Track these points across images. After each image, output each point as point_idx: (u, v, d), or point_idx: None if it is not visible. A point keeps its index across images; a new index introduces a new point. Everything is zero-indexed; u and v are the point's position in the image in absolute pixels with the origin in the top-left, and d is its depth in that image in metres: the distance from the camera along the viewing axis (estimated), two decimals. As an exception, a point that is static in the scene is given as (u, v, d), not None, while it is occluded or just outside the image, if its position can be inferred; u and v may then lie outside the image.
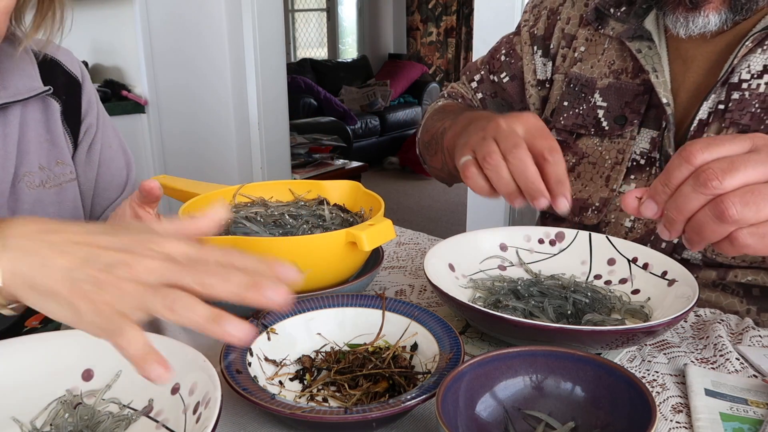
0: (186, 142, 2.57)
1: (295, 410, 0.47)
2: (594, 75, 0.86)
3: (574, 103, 0.88)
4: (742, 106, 0.73)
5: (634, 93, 0.82)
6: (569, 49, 0.91)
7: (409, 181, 5.00)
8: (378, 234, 0.67)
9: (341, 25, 6.23)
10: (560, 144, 0.87)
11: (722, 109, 0.74)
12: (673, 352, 0.63)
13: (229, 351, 0.55)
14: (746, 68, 0.73)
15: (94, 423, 0.50)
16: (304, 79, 5.00)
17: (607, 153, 0.84)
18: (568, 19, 0.91)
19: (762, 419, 0.52)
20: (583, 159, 0.86)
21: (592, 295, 0.69)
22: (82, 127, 0.87)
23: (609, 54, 0.85)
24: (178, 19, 2.44)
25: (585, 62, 0.88)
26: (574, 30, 0.90)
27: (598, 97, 0.85)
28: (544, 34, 0.94)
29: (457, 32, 5.79)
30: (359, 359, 0.59)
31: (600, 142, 0.85)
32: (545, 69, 0.94)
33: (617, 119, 0.83)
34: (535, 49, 0.95)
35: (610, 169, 0.83)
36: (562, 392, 0.51)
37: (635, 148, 0.81)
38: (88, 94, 0.88)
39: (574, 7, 0.91)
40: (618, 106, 0.83)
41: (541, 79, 0.95)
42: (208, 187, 0.85)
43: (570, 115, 0.88)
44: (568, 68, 0.90)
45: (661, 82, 0.78)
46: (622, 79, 0.83)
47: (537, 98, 0.96)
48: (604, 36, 0.86)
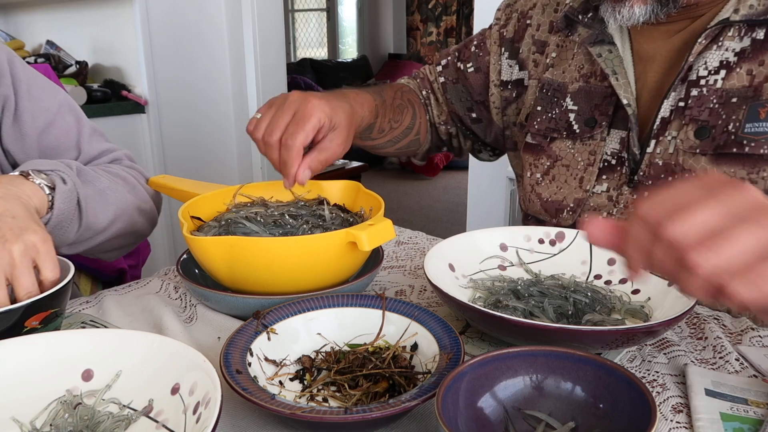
0: (186, 142, 2.57)
1: (295, 410, 0.47)
2: (565, 80, 0.88)
3: (546, 108, 0.90)
4: (701, 103, 0.74)
5: (603, 95, 0.83)
6: (541, 55, 0.93)
7: (409, 181, 5.01)
8: (378, 234, 0.67)
9: (341, 25, 6.24)
10: (534, 147, 0.91)
11: (682, 106, 0.75)
12: (673, 352, 0.63)
13: (229, 351, 0.55)
14: (703, 65, 0.74)
15: (94, 423, 0.50)
16: (304, 79, 5.00)
17: (579, 155, 0.85)
18: (538, 26, 0.93)
19: (762, 419, 0.52)
20: (557, 162, 0.88)
21: (592, 295, 0.69)
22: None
23: (578, 59, 0.87)
24: (178, 19, 2.44)
25: (557, 68, 0.90)
26: (544, 36, 0.92)
27: (569, 101, 0.87)
28: (513, 36, 0.96)
29: (457, 32, 5.79)
30: (359, 359, 0.59)
31: (572, 144, 0.86)
32: (511, 71, 0.96)
33: (587, 122, 0.84)
34: (502, 51, 0.97)
35: (583, 170, 0.84)
36: (562, 392, 0.51)
37: (606, 149, 0.83)
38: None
39: (544, 13, 0.93)
40: (588, 109, 0.84)
41: (504, 80, 0.97)
42: (208, 187, 0.85)
43: (543, 119, 0.90)
44: (541, 74, 0.92)
45: (622, 83, 0.80)
46: (591, 82, 0.85)
47: (498, 98, 0.98)
48: (574, 42, 0.88)
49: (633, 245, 0.43)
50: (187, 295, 0.78)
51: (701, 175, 0.44)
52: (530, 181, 0.91)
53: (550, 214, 0.88)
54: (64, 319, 0.66)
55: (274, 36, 2.54)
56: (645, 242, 0.42)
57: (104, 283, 1.10)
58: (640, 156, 0.79)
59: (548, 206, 0.88)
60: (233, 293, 0.69)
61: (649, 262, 0.42)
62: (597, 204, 0.84)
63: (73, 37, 2.60)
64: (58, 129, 0.85)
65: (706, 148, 0.72)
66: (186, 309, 0.74)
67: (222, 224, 0.76)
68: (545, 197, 0.89)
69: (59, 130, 0.85)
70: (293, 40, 5.92)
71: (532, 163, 0.91)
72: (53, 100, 0.85)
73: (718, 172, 0.72)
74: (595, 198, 0.84)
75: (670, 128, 0.76)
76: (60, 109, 0.86)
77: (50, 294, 0.58)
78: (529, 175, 0.91)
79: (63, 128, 0.85)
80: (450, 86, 1.03)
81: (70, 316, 0.71)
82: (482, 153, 1.12)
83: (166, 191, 0.88)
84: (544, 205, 0.89)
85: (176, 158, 2.54)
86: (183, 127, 2.55)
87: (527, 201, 0.93)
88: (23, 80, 0.83)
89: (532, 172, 0.91)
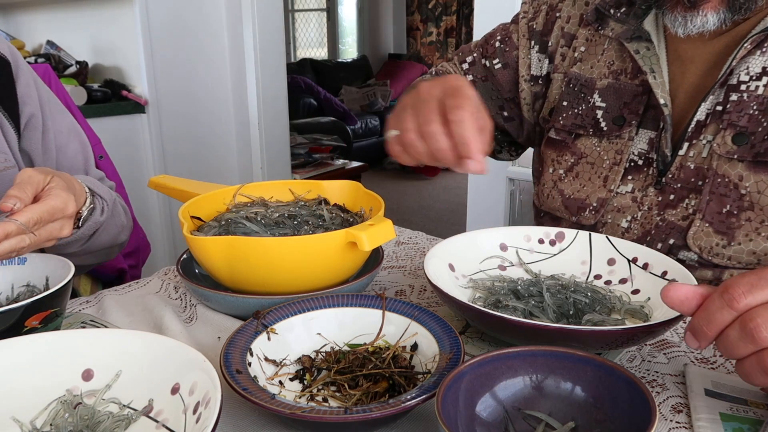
0: (186, 142, 2.57)
1: (295, 410, 0.47)
2: (593, 75, 0.86)
3: (573, 103, 0.88)
4: (740, 108, 0.72)
5: (633, 94, 0.82)
6: (569, 49, 0.90)
7: (409, 181, 5.01)
8: (378, 234, 0.67)
9: (341, 25, 6.23)
10: (558, 143, 0.89)
11: (720, 110, 0.74)
12: (673, 352, 0.63)
13: (229, 351, 0.55)
14: (745, 70, 0.73)
15: (94, 423, 0.50)
16: (304, 79, 5.00)
17: (605, 153, 0.84)
18: (568, 18, 0.91)
19: (762, 419, 0.52)
20: (581, 159, 0.86)
21: (592, 295, 0.69)
22: (23, 115, 0.84)
23: (609, 54, 0.85)
24: (178, 20, 2.44)
25: (585, 62, 0.88)
26: (574, 29, 0.90)
27: (597, 97, 0.85)
28: (542, 29, 0.93)
29: (457, 32, 5.79)
30: (359, 359, 0.59)
31: (598, 142, 0.85)
32: (540, 65, 0.94)
33: (616, 120, 0.83)
34: (532, 44, 0.94)
35: (608, 169, 0.83)
36: (562, 392, 0.51)
37: (633, 149, 0.81)
38: (25, 80, 0.85)
39: (575, 5, 0.91)
40: (617, 107, 0.83)
41: (535, 74, 0.94)
42: (208, 187, 0.85)
43: (569, 115, 0.88)
44: (567, 68, 0.90)
45: (659, 83, 0.78)
46: (621, 79, 0.83)
47: (529, 93, 0.95)
48: (604, 36, 0.86)
49: (705, 315, 0.46)
50: (187, 295, 0.78)
51: None
52: (552, 176, 0.89)
53: (571, 211, 0.86)
54: (64, 319, 0.66)
55: (274, 36, 2.54)
56: (720, 315, 0.45)
57: (104, 283, 1.10)
58: (671, 158, 0.78)
59: (570, 203, 0.86)
60: (233, 293, 0.69)
61: (717, 335, 0.45)
62: (621, 204, 0.82)
63: (73, 37, 2.59)
64: (70, 151, 0.90)
65: (744, 154, 0.71)
66: (186, 309, 0.74)
67: (222, 224, 0.76)
68: (567, 194, 0.87)
69: (71, 152, 0.90)
70: (293, 40, 5.92)
71: (555, 159, 0.89)
72: (64, 122, 0.90)
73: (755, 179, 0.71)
74: (618, 198, 0.82)
75: (705, 132, 0.75)
76: (69, 132, 0.91)
77: (50, 294, 0.58)
78: (552, 171, 0.89)
79: (73, 150, 0.90)
80: (480, 84, 1.00)
81: (70, 316, 0.71)
82: (502, 153, 1.09)
83: (166, 191, 0.88)
84: (566, 202, 0.87)
85: (176, 158, 2.54)
86: (183, 127, 2.55)
87: (546, 197, 0.91)
88: (45, 101, 0.87)
89: (555, 168, 0.89)
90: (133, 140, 2.44)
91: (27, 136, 0.84)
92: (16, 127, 0.83)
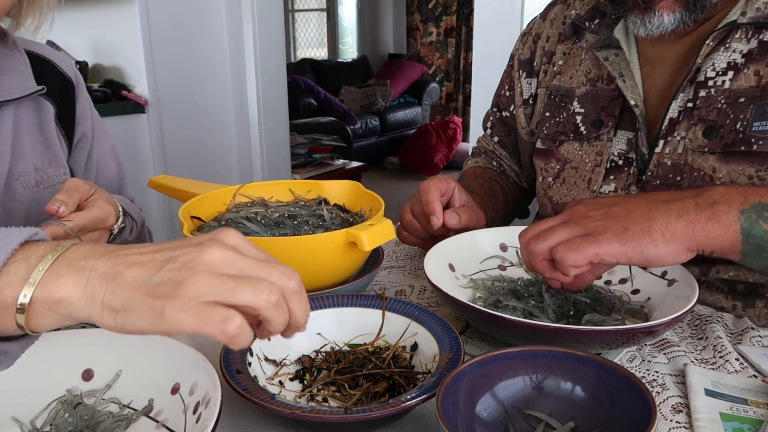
0: (186, 142, 2.57)
1: (295, 410, 0.47)
2: (572, 85, 0.89)
3: (554, 113, 0.91)
4: (709, 103, 0.74)
5: (609, 98, 0.84)
6: (549, 65, 0.95)
7: (409, 181, 5.00)
8: (378, 234, 0.67)
9: (341, 25, 6.23)
10: (544, 152, 0.93)
11: (691, 107, 0.76)
12: (673, 352, 0.63)
13: (229, 351, 0.55)
14: (711, 66, 0.75)
15: (94, 423, 0.50)
16: (304, 79, 5.00)
17: (586, 156, 0.86)
18: (547, 38, 0.95)
19: (762, 419, 0.52)
20: (566, 165, 0.89)
21: (592, 295, 0.69)
22: (76, 134, 0.88)
23: (585, 64, 0.88)
24: (179, 19, 2.44)
25: (564, 74, 0.91)
26: (553, 47, 0.94)
27: (576, 104, 0.88)
28: (529, 57, 0.98)
29: (457, 32, 5.79)
30: (359, 359, 0.59)
31: (580, 146, 0.87)
32: (530, 87, 0.98)
33: (594, 123, 0.85)
34: (521, 73, 0.99)
35: (591, 171, 0.85)
36: (562, 392, 0.51)
37: (613, 150, 0.83)
38: (83, 101, 0.90)
39: (553, 26, 0.96)
40: (594, 111, 0.85)
41: (525, 98, 0.99)
42: (208, 187, 0.85)
43: (551, 124, 0.91)
44: (549, 82, 0.94)
45: (629, 85, 0.80)
46: (598, 86, 0.86)
47: (523, 116, 1.00)
48: (581, 48, 0.90)
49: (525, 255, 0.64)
50: (187, 295, 0.77)
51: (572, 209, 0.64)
52: (542, 185, 0.93)
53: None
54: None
55: (274, 36, 2.54)
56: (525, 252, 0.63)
57: (105, 283, 1.11)
58: (648, 156, 0.79)
59: (558, 209, 0.89)
60: (233, 293, 0.69)
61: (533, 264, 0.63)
62: None
63: (73, 38, 2.59)
64: (109, 172, 0.94)
65: (715, 147, 0.73)
66: (186, 309, 0.74)
67: (222, 224, 0.76)
68: (556, 200, 0.90)
69: (110, 173, 0.94)
70: (293, 40, 5.92)
71: (543, 168, 0.92)
72: (107, 144, 0.94)
73: (726, 169, 0.72)
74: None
75: (678, 128, 0.77)
76: (110, 154, 0.95)
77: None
78: (541, 180, 0.93)
79: (111, 172, 0.94)
80: (506, 141, 1.06)
81: (70, 316, 0.71)
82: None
83: (166, 191, 0.89)
84: (555, 208, 0.90)
85: (176, 158, 2.54)
86: (183, 127, 2.55)
87: (541, 206, 0.95)
88: (96, 122, 0.92)
89: (544, 176, 0.92)
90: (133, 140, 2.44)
91: (75, 153, 0.89)
92: (69, 145, 0.87)
